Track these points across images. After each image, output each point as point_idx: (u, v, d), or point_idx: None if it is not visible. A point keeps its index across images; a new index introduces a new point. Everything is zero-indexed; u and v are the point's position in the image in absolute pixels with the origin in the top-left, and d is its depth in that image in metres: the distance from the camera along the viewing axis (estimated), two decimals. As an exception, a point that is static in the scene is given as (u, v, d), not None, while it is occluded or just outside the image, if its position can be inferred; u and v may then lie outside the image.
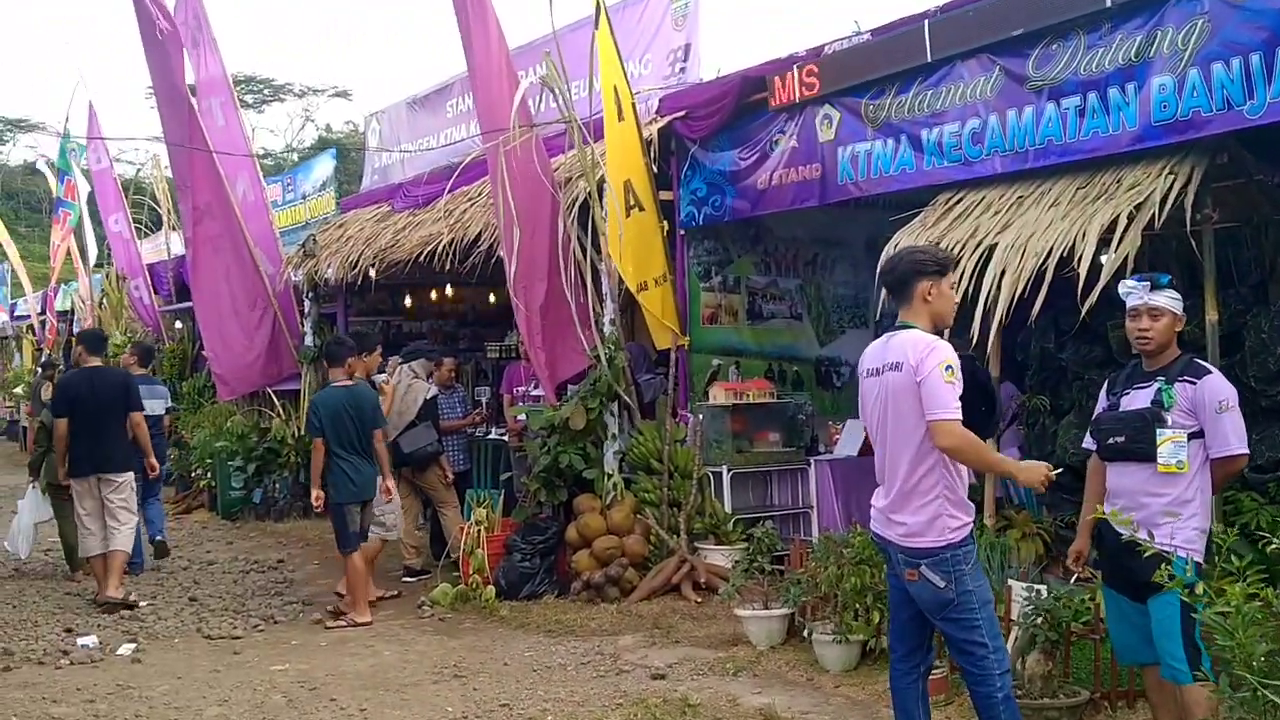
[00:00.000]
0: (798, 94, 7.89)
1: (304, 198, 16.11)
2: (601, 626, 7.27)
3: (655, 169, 8.69)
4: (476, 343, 14.31)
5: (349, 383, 8.07)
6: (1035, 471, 4.13)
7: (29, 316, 25.81)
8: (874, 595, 5.59)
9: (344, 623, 7.72)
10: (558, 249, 8.61)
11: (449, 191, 10.00)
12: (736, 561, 7.08)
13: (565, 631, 7.22)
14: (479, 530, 8.29)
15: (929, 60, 7.09)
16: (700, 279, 9.09)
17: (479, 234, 9.58)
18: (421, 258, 10.41)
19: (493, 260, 9.42)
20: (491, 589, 8.02)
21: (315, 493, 7.86)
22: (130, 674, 6.65)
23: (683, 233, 8.94)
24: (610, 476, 8.40)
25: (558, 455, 8.33)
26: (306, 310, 13.42)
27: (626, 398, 8.59)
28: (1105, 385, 4.66)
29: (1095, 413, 4.63)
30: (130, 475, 8.93)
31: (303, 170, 16.41)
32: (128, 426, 8.85)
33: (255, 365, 13.02)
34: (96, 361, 9.17)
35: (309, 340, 13.19)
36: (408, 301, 13.55)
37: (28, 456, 11.98)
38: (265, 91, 59.00)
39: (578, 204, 8.64)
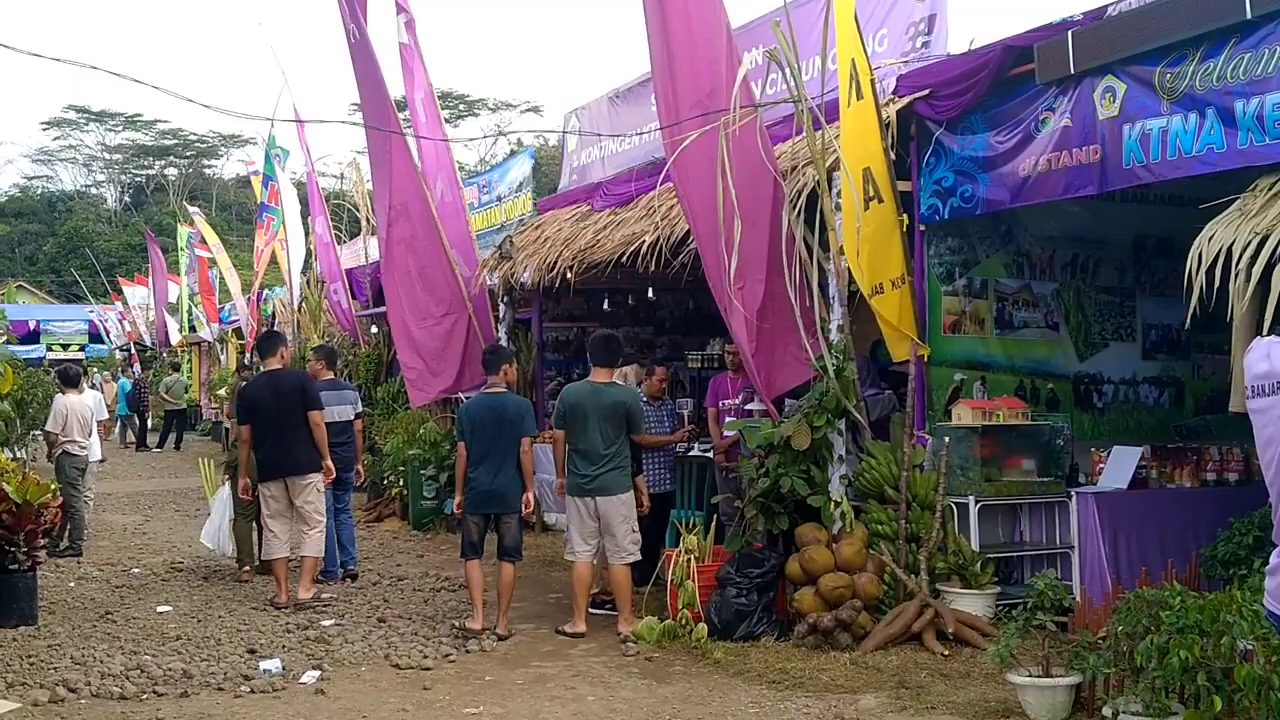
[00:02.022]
0: (1072, 65, 6.73)
1: (499, 200, 15.68)
2: (835, 681, 6.26)
3: (893, 156, 7.65)
4: (674, 351, 13.50)
5: (500, 390, 7.87)
6: None
7: (237, 320, 26.52)
8: (1209, 675, 4.41)
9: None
10: (779, 246, 7.66)
11: (661, 183, 9.12)
12: (1010, 614, 5.93)
13: (792, 684, 6.24)
14: (688, 560, 7.40)
15: (1248, 17, 5.86)
16: (941, 281, 7.99)
17: (687, 232, 8.74)
18: (624, 259, 9.65)
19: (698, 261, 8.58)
20: (703, 627, 7.12)
21: (458, 499, 7.84)
22: (313, 709, 6.02)
23: (923, 228, 7.86)
24: (838, 504, 7.38)
25: (778, 478, 7.36)
26: (501, 315, 12.90)
27: (857, 415, 7.56)
28: None
29: None
30: (318, 477, 8.81)
31: (498, 171, 15.98)
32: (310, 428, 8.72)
33: (449, 370, 12.52)
34: (274, 364, 9.08)
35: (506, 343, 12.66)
36: (605, 306, 12.81)
37: (227, 457, 11.84)
38: (460, 107, 60.33)
39: (804, 195, 7.68)
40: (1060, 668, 5.44)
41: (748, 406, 8.50)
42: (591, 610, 8.19)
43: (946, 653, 6.65)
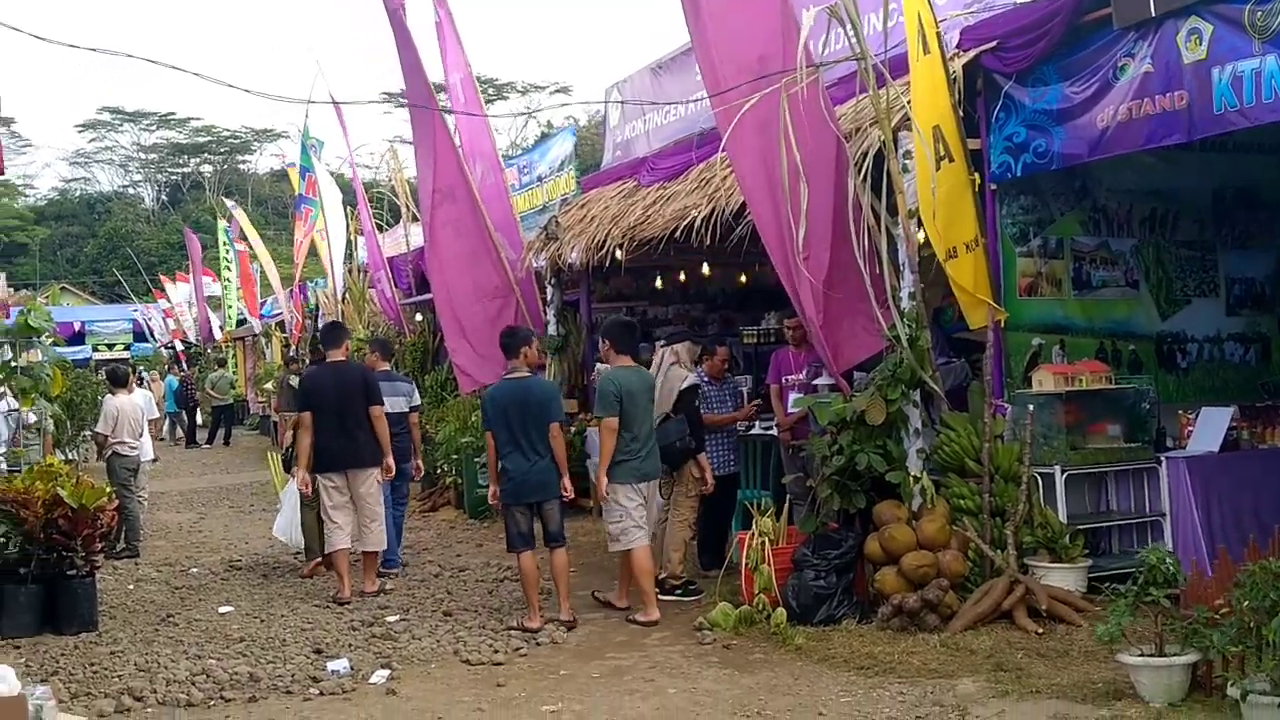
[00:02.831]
0: (1153, 7, 6.34)
1: (540, 180, 15.39)
2: (926, 664, 5.96)
3: (961, 113, 7.29)
4: (727, 327, 13.21)
5: (524, 374, 7.62)
6: None
7: (279, 314, 26.49)
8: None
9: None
10: (844, 212, 7.33)
11: (714, 154, 8.81)
12: (1104, 588, 5.61)
13: (882, 669, 5.95)
14: (763, 542, 7.12)
15: (1351, -56, 5.47)
16: (1015, 242, 7.64)
17: (743, 204, 8.43)
18: (677, 234, 9.35)
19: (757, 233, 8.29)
20: (781, 612, 6.84)
21: (491, 489, 7.64)
22: (385, 710, 5.81)
23: (994, 187, 7.51)
24: (918, 480, 7.07)
25: (853, 455, 7.05)
26: (549, 297, 12.66)
27: (933, 386, 7.23)
28: None
29: None
30: (378, 470, 8.73)
31: (539, 151, 15.69)
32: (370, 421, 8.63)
33: (498, 355, 12.24)
34: (337, 355, 8.99)
35: (552, 329, 12.43)
36: (659, 283, 12.55)
37: (278, 451, 11.71)
38: (489, 91, 60.06)
39: (869, 157, 7.34)
40: (1174, 645, 5.11)
41: (815, 381, 8.19)
42: (662, 597, 7.96)
43: (1040, 631, 6.34)
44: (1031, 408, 7.05)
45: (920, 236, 7.34)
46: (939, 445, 7.23)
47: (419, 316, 17.08)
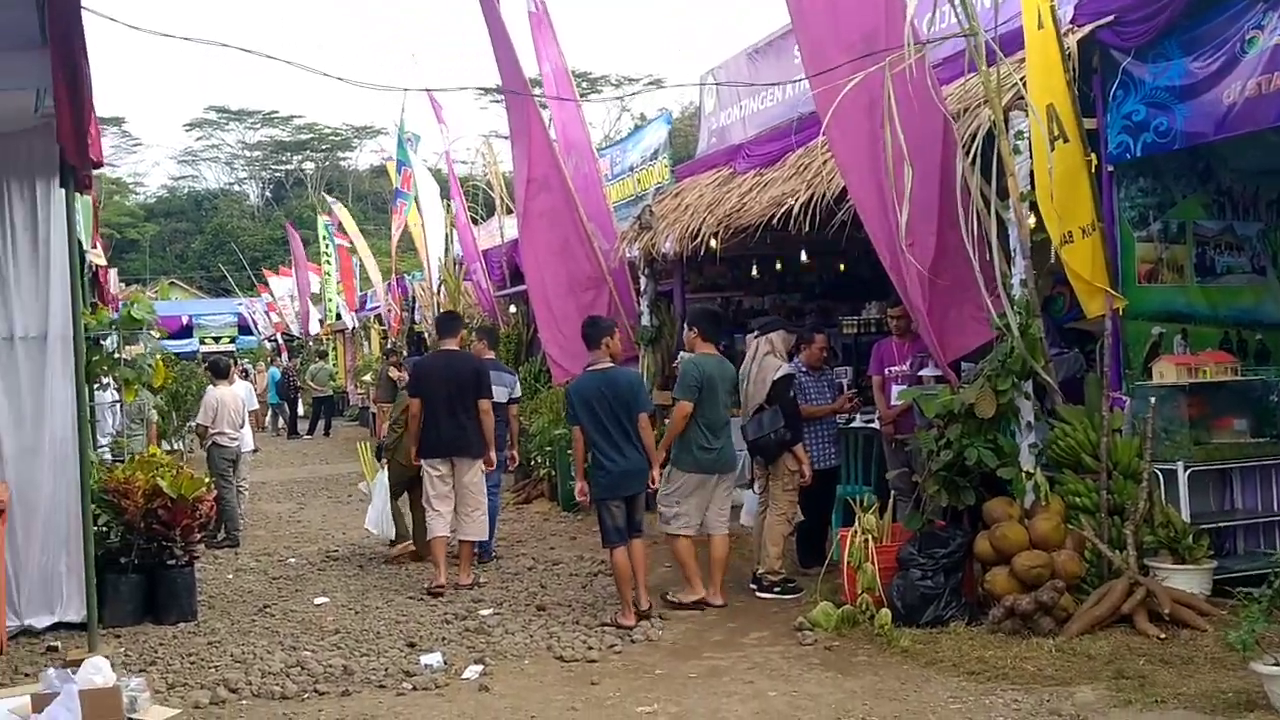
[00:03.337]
0: (1287, -29, 5.94)
1: (632, 169, 15.20)
2: (1041, 670, 5.66)
3: (1075, 91, 6.93)
4: (825, 317, 12.89)
5: (607, 365, 7.50)
6: None
7: (378, 307, 26.80)
8: None
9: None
10: (951, 195, 7.02)
11: (812, 139, 8.55)
12: (1250, 595, 5.25)
13: (993, 675, 5.66)
14: (866, 540, 6.86)
15: None
16: (1134, 227, 7.25)
17: (844, 188, 8.16)
18: (774, 221, 9.10)
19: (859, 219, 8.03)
20: (886, 612, 6.58)
21: (579, 485, 7.52)
22: (478, 706, 5.70)
23: (1111, 169, 7.12)
24: (1030, 476, 6.74)
25: (962, 449, 6.75)
26: (643, 287, 12.49)
27: (1046, 377, 6.89)
28: None
29: None
30: (481, 461, 8.70)
31: (631, 140, 15.48)
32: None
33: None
34: (451, 344, 9.05)
35: (645, 320, 12.27)
36: (755, 272, 12.31)
37: (376, 442, 11.76)
38: (583, 84, 60.14)
39: (978, 138, 7.02)
40: (1316, 656, 4.76)
41: (921, 372, 7.89)
42: (759, 594, 7.76)
43: (1163, 636, 5.99)
44: (1153, 401, 6.68)
45: (1031, 221, 7.01)
46: (1053, 440, 6.89)
47: (513, 308, 17.07)
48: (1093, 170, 6.94)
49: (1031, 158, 6.86)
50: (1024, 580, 6.45)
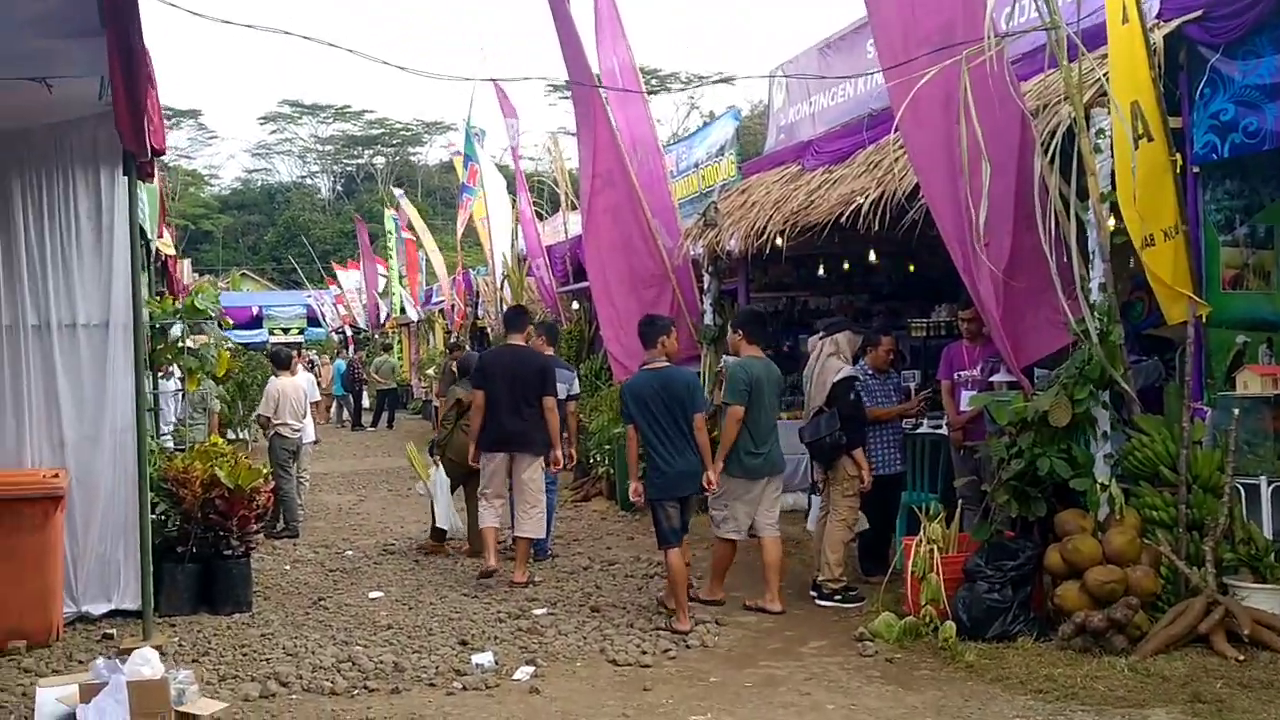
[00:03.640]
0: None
1: (697, 166, 15.05)
2: (1113, 691, 5.41)
3: (1161, 88, 6.65)
4: (893, 319, 12.63)
5: (662, 365, 7.43)
6: None
7: (442, 301, 26.91)
8: None
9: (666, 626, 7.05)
10: (1028, 194, 6.76)
11: (882, 136, 8.32)
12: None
13: (1063, 694, 5.43)
14: (932, 550, 6.64)
15: None
16: (1219, 230, 6.93)
17: (916, 186, 7.93)
18: (844, 219, 8.88)
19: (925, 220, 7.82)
20: (951, 625, 6.35)
21: (633, 485, 7.48)
22: (528, 710, 5.58)
23: (1197, 169, 6.84)
24: (1105, 488, 6.47)
25: (1034, 458, 6.50)
26: (706, 286, 12.32)
27: (1125, 385, 6.62)
28: None
29: None
30: (542, 459, 8.65)
31: (698, 136, 15.34)
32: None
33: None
34: (517, 339, 8.95)
35: (709, 319, 12.09)
36: (821, 272, 12.09)
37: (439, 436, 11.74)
38: (651, 81, 60.02)
39: (1057, 136, 6.76)
40: None
41: (992, 378, 7.64)
42: (819, 602, 7.57)
43: (1242, 658, 5.73)
44: (1236, 412, 6.36)
45: (1111, 223, 6.74)
46: (1129, 450, 6.61)
47: (575, 305, 16.99)
48: (1177, 171, 6.66)
49: (1113, 157, 6.59)
50: (1096, 596, 6.19)
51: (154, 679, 4.87)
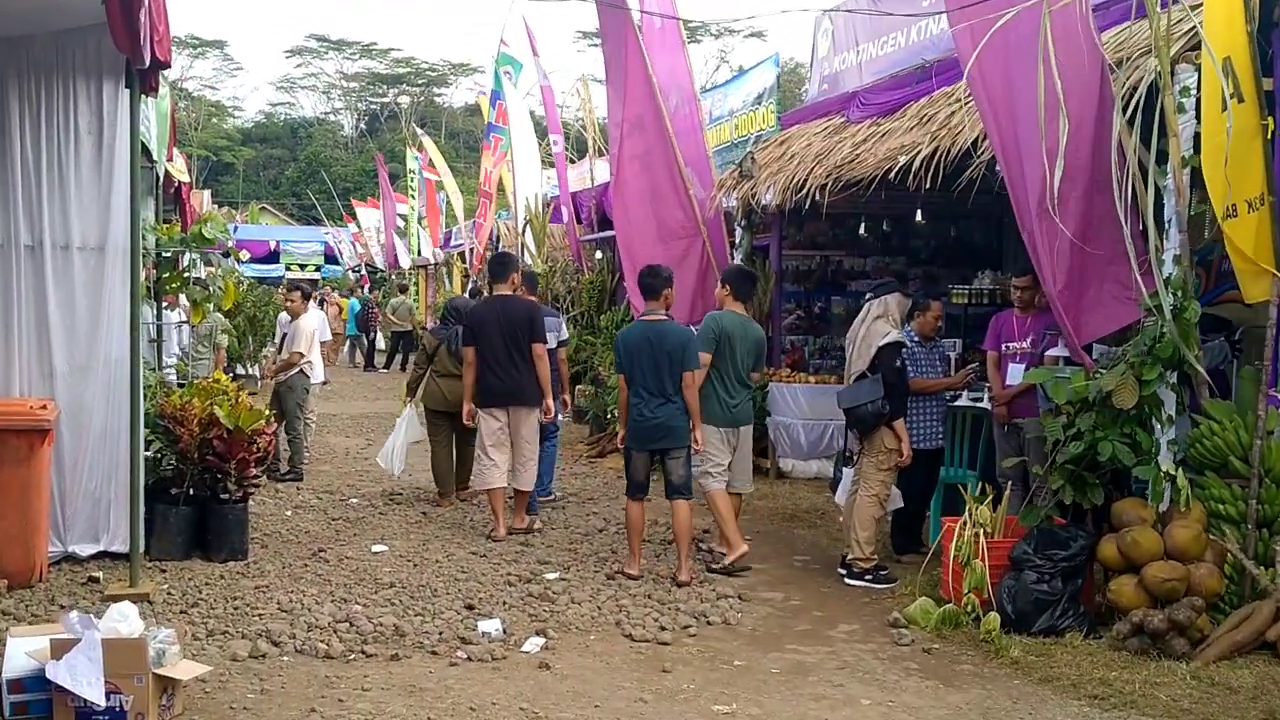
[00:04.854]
0: None
1: (732, 114, 14.43)
2: (1176, 701, 4.96)
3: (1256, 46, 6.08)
4: (929, 284, 12.07)
5: (659, 317, 7.31)
6: None
7: (461, 244, 26.38)
8: None
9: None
10: (1104, 155, 6.21)
11: (965, 78, 7.75)
12: None
13: (1121, 701, 4.97)
14: (976, 534, 6.17)
15: None
16: (1309, 203, 6.37)
17: (971, 144, 7.39)
18: (893, 174, 8.34)
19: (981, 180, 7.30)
20: (994, 616, 5.90)
21: (621, 432, 7.47)
22: (536, 688, 5.15)
23: (1290, 136, 6.26)
24: (1170, 477, 5.98)
25: (1095, 442, 6.01)
26: (738, 240, 11.82)
27: (1198, 367, 6.10)
28: None
29: None
30: (538, 410, 8.46)
31: (735, 83, 14.70)
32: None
33: (680, 300, 11.47)
34: (504, 290, 8.59)
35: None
36: (862, 231, 11.53)
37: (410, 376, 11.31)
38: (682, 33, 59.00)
39: (1138, 93, 6.20)
40: None
41: (1050, 352, 7.12)
42: (848, 581, 7.12)
43: (1314, 671, 5.25)
44: (1318, 402, 5.87)
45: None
46: (1197, 438, 6.11)
47: (599, 254, 16.47)
48: (1268, 137, 6.09)
49: (1199, 119, 6.03)
50: (1154, 593, 5.72)
51: (131, 637, 4.45)
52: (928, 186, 7.93)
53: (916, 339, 7.70)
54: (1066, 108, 5.91)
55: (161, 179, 9.82)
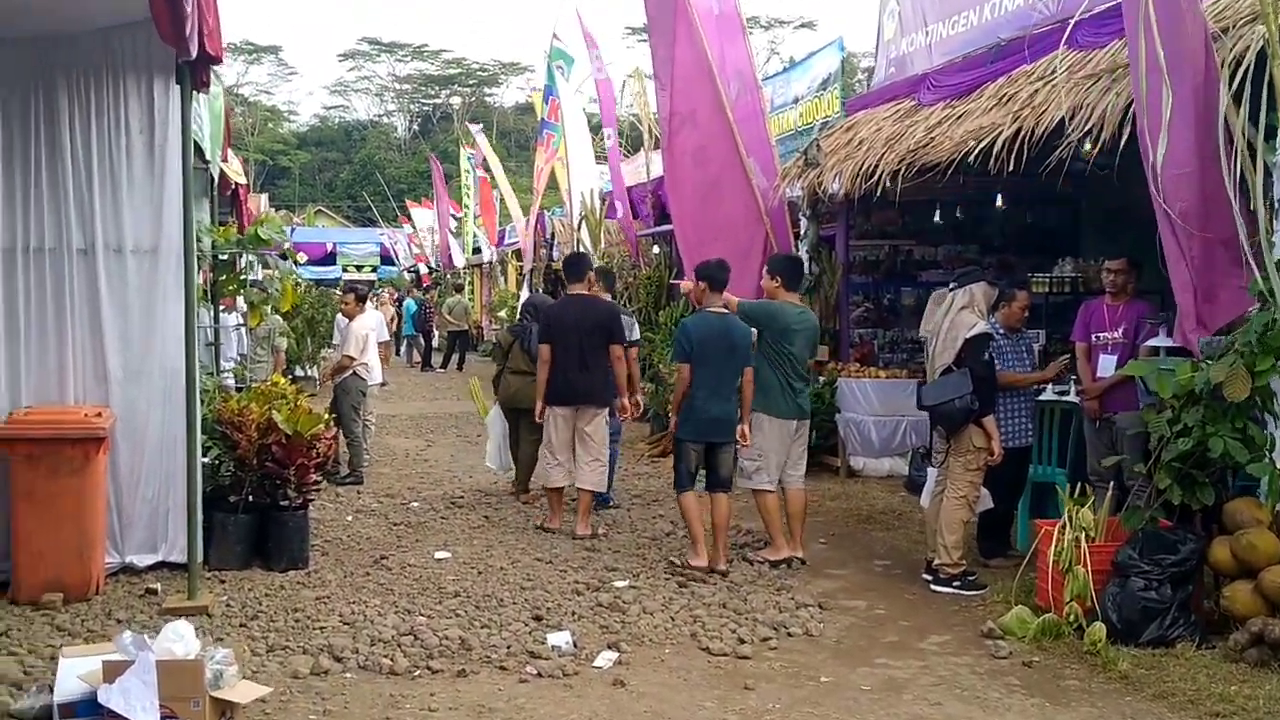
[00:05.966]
0: None
1: (796, 101, 14.05)
2: (1307, 721, 4.56)
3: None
4: (1004, 273, 11.60)
5: (724, 310, 7.28)
6: None
7: (516, 242, 26.20)
8: None
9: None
10: (1209, 130, 5.79)
11: (1033, 58, 7.38)
12: None
13: (1245, 721, 4.58)
14: (1079, 538, 5.77)
15: None
16: None
17: (1063, 120, 6.99)
18: (972, 157, 7.94)
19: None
20: (1100, 626, 5.50)
21: (673, 420, 7.40)
22: (612, 707, 4.85)
23: None
24: (1288, 474, 5.55)
25: (1205, 438, 5.59)
26: (803, 231, 11.45)
27: (1316, 357, 5.65)
28: None
29: None
30: (607, 410, 8.35)
31: (798, 69, 14.32)
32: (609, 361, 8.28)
33: (745, 294, 11.13)
34: (580, 289, 8.50)
35: (805, 267, 11.18)
36: (937, 218, 11.10)
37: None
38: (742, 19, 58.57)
39: (1244, 64, 5.78)
40: None
41: (1148, 342, 6.70)
42: (935, 587, 6.75)
43: None
44: None
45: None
46: (1314, 433, 5.68)
47: (656, 249, 16.16)
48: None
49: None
50: (1273, 600, 5.32)
51: (187, 659, 4.21)
52: (1010, 169, 7.53)
53: (1002, 330, 7.30)
54: (1169, 77, 5.50)
55: (217, 180, 9.68)
